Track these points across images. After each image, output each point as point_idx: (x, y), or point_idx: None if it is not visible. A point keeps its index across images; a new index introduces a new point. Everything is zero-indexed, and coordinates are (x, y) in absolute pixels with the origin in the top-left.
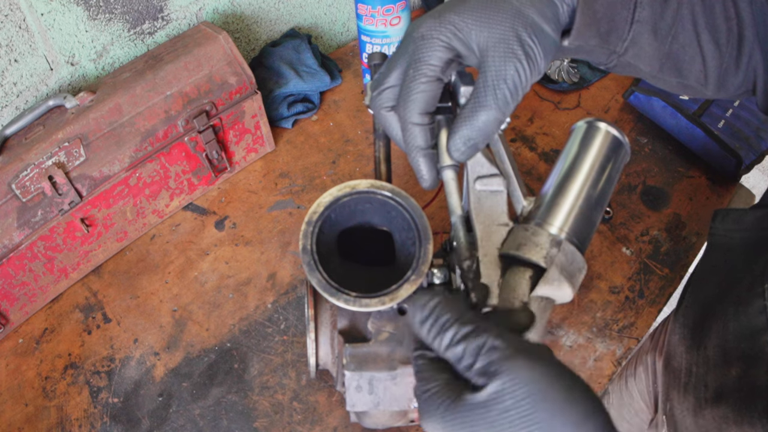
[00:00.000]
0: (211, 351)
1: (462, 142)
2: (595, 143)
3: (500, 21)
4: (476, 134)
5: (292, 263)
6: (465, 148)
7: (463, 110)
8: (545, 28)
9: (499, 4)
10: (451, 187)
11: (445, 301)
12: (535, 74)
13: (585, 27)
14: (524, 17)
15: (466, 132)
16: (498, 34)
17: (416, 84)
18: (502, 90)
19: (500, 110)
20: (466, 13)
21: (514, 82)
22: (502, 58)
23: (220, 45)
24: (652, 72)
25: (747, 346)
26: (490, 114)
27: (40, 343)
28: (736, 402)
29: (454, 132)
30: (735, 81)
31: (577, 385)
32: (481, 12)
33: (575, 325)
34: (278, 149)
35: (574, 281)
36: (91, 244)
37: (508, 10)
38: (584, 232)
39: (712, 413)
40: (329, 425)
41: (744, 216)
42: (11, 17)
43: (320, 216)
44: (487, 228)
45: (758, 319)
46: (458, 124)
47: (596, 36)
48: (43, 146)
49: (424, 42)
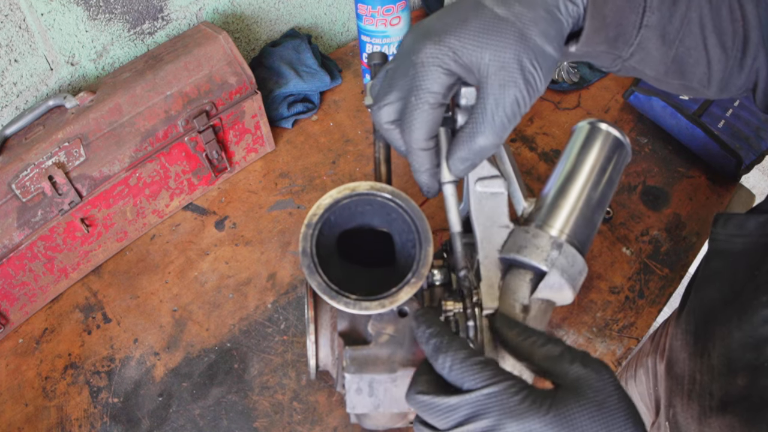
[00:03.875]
0: (211, 351)
1: (460, 163)
2: (596, 144)
3: (502, 46)
4: (473, 156)
5: (292, 263)
6: (463, 167)
7: (462, 132)
8: (548, 50)
9: (502, 27)
10: (450, 203)
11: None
12: (534, 99)
13: (594, 33)
14: (527, 41)
15: (463, 154)
16: (499, 60)
17: (419, 112)
18: (500, 117)
19: (497, 135)
20: (467, 37)
21: (513, 110)
22: (501, 85)
23: (220, 45)
24: (656, 76)
25: (753, 356)
26: (487, 139)
27: (40, 343)
28: (743, 412)
29: (452, 153)
30: (738, 82)
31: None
32: (483, 36)
33: (575, 325)
34: (278, 149)
35: (574, 284)
36: (91, 244)
37: (510, 34)
38: (585, 234)
39: (717, 422)
40: (329, 425)
41: (746, 221)
42: (11, 17)
43: (320, 218)
44: (488, 230)
45: (763, 329)
46: (456, 146)
47: (604, 42)
48: (43, 146)
49: (425, 69)
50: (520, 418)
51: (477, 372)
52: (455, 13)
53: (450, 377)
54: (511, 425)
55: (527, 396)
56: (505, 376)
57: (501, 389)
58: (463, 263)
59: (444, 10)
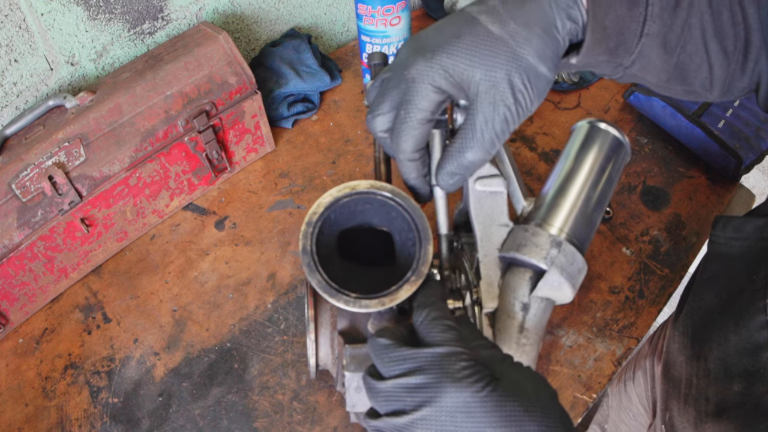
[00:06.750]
0: (211, 351)
1: (449, 177)
2: (595, 144)
3: (493, 66)
4: (462, 170)
5: (292, 263)
6: (452, 181)
7: (451, 147)
8: (541, 70)
9: (494, 46)
10: (440, 206)
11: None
12: (524, 117)
13: (595, 44)
14: (519, 60)
15: (452, 169)
16: (490, 78)
17: (407, 127)
18: (489, 134)
19: (486, 151)
20: (459, 55)
21: (502, 128)
22: (491, 104)
23: (220, 45)
24: (658, 82)
25: (749, 362)
26: (476, 155)
27: (40, 343)
28: (739, 419)
29: (442, 167)
30: (740, 85)
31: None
32: (474, 54)
33: (575, 325)
34: (278, 149)
35: (574, 282)
36: (91, 244)
37: (502, 53)
38: (584, 233)
39: (713, 428)
40: (329, 425)
41: (744, 225)
42: (11, 17)
43: (320, 217)
44: (488, 228)
45: (760, 335)
46: (446, 160)
47: (605, 52)
48: (43, 146)
49: (415, 86)
50: (456, 386)
51: (438, 332)
52: (450, 28)
53: (419, 330)
54: (448, 391)
55: (470, 368)
56: (460, 344)
57: (447, 352)
58: (447, 265)
59: (440, 24)
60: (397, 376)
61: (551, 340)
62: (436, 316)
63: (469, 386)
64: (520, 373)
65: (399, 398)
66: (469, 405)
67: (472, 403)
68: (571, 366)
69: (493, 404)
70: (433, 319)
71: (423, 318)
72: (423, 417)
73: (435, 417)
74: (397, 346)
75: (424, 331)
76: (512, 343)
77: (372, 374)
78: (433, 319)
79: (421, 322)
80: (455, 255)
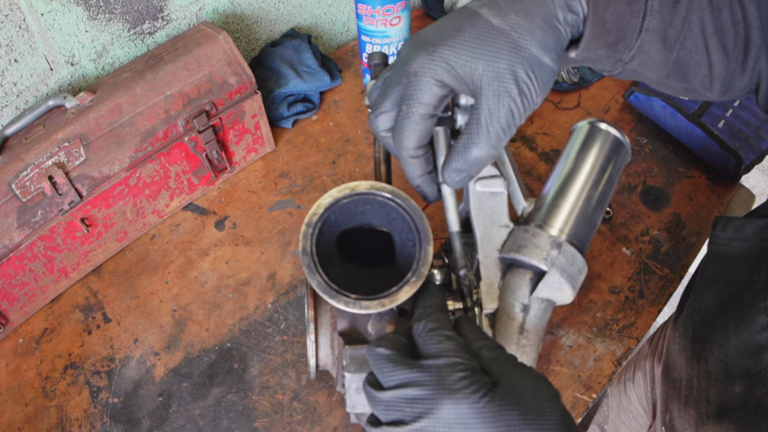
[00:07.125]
0: (211, 351)
1: (455, 174)
2: (595, 144)
3: (496, 57)
4: (468, 167)
5: (292, 263)
6: (458, 178)
7: (457, 143)
8: (544, 61)
9: (496, 38)
10: (449, 203)
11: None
12: (530, 110)
13: (594, 38)
14: (521, 51)
15: (458, 165)
16: (493, 71)
17: (409, 122)
18: (495, 128)
19: (492, 147)
20: (460, 47)
21: (507, 121)
22: (495, 96)
23: (220, 45)
24: (657, 79)
25: (750, 363)
26: (482, 151)
27: (40, 343)
28: (740, 420)
29: (448, 164)
30: (740, 84)
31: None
32: (476, 47)
33: (575, 325)
34: (278, 149)
35: (574, 283)
36: (91, 244)
37: (504, 45)
38: (585, 234)
39: (714, 429)
40: (329, 425)
41: (745, 225)
42: (11, 17)
43: (320, 217)
44: (488, 229)
45: (760, 336)
46: (452, 157)
47: (605, 46)
48: (43, 146)
49: (417, 79)
50: (453, 398)
51: (435, 343)
52: (451, 23)
53: (417, 341)
54: (445, 403)
55: (467, 378)
56: (458, 354)
57: (444, 363)
58: (463, 262)
59: (441, 20)
60: (396, 387)
61: (551, 340)
62: (434, 327)
63: (466, 397)
64: (521, 375)
65: (399, 408)
66: (467, 417)
67: (469, 415)
68: (571, 366)
69: (491, 415)
70: (430, 330)
71: (421, 329)
72: (421, 428)
73: (432, 429)
74: (395, 356)
75: (422, 342)
76: (512, 344)
77: (371, 383)
78: (431, 330)
79: (419, 333)
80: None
